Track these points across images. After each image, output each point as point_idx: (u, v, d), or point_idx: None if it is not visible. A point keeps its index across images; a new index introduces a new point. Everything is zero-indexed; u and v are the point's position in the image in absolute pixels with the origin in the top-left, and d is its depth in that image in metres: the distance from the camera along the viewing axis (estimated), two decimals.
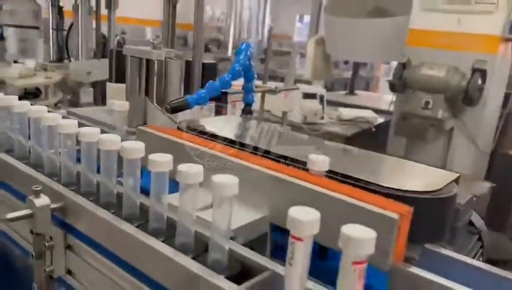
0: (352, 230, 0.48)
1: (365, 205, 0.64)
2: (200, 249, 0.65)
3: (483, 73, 3.00)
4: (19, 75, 1.62)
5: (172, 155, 0.67)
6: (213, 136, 0.92)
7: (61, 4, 2.19)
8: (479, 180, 3.13)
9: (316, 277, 0.60)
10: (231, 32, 9.85)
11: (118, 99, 1.39)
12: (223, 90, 1.35)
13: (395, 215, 0.61)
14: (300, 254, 0.52)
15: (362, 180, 0.74)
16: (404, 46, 3.40)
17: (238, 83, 1.42)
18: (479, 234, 0.96)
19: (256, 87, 1.64)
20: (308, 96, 3.78)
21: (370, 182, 0.73)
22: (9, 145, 1.02)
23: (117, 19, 2.29)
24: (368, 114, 4.18)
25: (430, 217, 0.71)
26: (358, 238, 0.47)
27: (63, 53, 2.21)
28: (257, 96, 2.11)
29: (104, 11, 2.30)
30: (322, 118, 3.79)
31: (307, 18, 9.55)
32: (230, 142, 0.89)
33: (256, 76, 1.40)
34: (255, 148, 0.85)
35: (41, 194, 0.77)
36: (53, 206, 0.78)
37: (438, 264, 0.71)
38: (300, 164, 0.77)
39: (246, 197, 0.71)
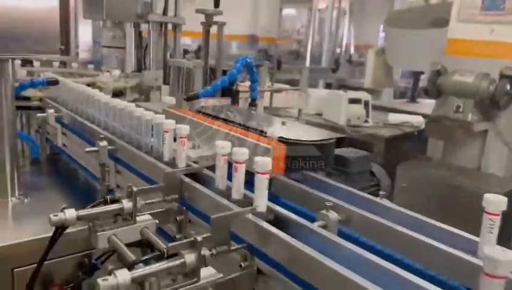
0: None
1: (259, 143, 1.17)
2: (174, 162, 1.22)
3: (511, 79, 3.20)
4: (107, 81, 2.36)
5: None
6: (203, 113, 1.51)
7: (141, 29, 2.96)
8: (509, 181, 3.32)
9: None
10: (309, 44, 10.31)
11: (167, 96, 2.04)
12: (235, 89, 1.93)
13: (270, 147, 1.14)
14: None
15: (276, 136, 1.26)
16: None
17: (247, 84, 1.99)
18: (378, 182, 1.41)
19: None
20: (353, 101, 4.19)
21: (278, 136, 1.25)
22: (92, 119, 1.70)
23: None
24: (415, 119, 4.45)
25: (308, 155, 1.21)
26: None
27: (141, 65, 2.96)
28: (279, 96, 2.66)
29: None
30: (366, 121, 4.17)
31: None
32: (205, 115, 1.47)
33: (257, 79, 1.95)
34: (224, 120, 1.42)
35: (104, 140, 1.41)
36: (109, 147, 1.41)
37: (314, 184, 1.21)
38: (243, 127, 1.32)
39: (205, 141, 1.28)
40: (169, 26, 2.86)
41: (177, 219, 1.09)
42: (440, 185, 3.42)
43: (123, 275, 0.72)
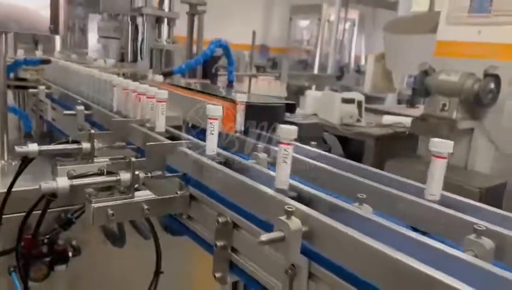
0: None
1: (216, 103, 1.31)
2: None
3: (496, 78, 3.29)
4: (99, 68, 2.52)
5: None
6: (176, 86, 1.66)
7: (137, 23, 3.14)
8: (492, 177, 3.39)
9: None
10: (317, 54, 10.47)
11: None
12: (214, 72, 2.07)
13: (220, 105, 1.27)
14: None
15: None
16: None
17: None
18: (329, 147, 1.53)
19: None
20: (346, 101, 4.31)
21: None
22: (74, 91, 1.85)
23: None
24: (407, 120, 4.54)
25: (259, 115, 1.34)
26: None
27: (136, 55, 3.14)
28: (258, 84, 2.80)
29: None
30: (358, 120, 4.28)
31: None
32: (179, 87, 1.62)
33: (234, 64, 2.10)
34: (190, 89, 1.57)
35: (81, 105, 1.56)
36: (86, 112, 1.56)
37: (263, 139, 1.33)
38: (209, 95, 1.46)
39: (172, 105, 1.43)
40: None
41: None
42: (425, 180, 3.51)
43: (63, 182, 0.86)
